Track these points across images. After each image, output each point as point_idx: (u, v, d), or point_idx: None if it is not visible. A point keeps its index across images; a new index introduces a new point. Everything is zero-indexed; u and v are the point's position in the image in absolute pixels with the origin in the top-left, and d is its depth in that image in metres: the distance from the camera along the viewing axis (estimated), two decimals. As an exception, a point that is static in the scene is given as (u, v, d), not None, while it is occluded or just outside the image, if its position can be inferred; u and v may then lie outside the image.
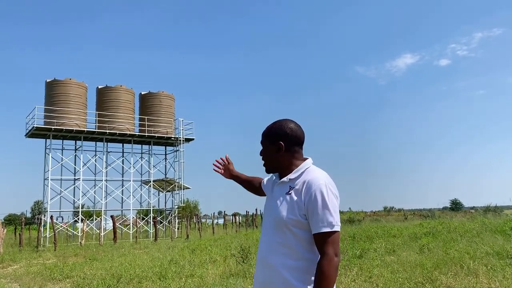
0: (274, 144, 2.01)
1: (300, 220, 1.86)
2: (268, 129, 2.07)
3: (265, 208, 2.09)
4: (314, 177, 1.90)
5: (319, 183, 1.86)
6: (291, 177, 1.96)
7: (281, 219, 1.89)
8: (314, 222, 1.82)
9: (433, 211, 43.48)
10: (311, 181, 1.88)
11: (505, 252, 8.45)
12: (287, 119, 2.06)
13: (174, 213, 28.57)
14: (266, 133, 2.07)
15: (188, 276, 8.53)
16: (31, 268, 11.58)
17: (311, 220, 1.83)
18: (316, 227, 1.81)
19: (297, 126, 2.04)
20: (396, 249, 10.56)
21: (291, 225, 1.86)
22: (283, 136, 2.00)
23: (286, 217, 1.87)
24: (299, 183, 1.92)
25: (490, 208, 32.74)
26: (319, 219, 1.81)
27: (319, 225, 1.80)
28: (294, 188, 1.92)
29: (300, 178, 1.93)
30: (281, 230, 1.89)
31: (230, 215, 42.72)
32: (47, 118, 24.27)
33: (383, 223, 23.72)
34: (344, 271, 7.80)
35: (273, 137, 2.02)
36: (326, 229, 1.79)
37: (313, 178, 1.89)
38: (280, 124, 2.04)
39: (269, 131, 2.05)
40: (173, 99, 29.17)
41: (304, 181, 1.91)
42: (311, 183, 1.87)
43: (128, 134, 26.25)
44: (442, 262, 7.90)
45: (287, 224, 1.87)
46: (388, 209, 75.40)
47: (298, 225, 1.86)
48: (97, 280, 8.50)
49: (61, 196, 25.56)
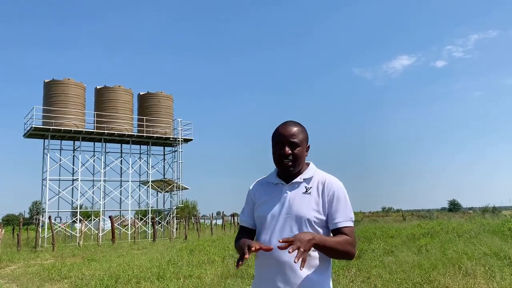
0: (306, 145, 2.08)
1: (321, 217, 1.95)
2: (302, 130, 2.06)
3: (267, 209, 2.02)
4: (329, 177, 2.04)
5: (338, 183, 2.01)
6: (304, 177, 2.03)
7: (304, 217, 1.94)
8: (337, 217, 1.94)
9: (431, 211, 43.61)
10: (330, 181, 2.01)
11: (503, 253, 8.46)
12: (298, 122, 2.11)
13: (172, 214, 28.53)
14: (302, 132, 2.05)
15: (186, 277, 8.53)
16: (29, 269, 11.56)
17: (334, 215, 1.94)
18: (340, 222, 1.93)
19: None
20: (394, 249, 10.58)
21: (314, 223, 1.94)
22: (308, 137, 2.09)
23: (309, 214, 1.94)
24: (315, 183, 2.01)
25: (488, 209, 32.87)
26: (344, 214, 1.94)
27: (343, 219, 1.93)
28: (311, 187, 2.00)
29: (314, 178, 2.03)
30: (303, 229, 1.92)
31: (229, 216, 42.69)
32: (45, 118, 24.22)
33: (381, 224, 23.77)
34: (342, 271, 7.81)
35: (307, 139, 2.09)
36: (350, 224, 1.95)
37: (330, 178, 2.02)
38: (302, 126, 2.08)
39: (304, 131, 2.07)
40: (171, 99, 29.15)
41: (320, 180, 2.01)
42: (331, 182, 2.00)
43: (126, 134, 26.21)
44: (440, 263, 7.91)
45: (311, 222, 1.94)
46: (386, 210, 75.59)
47: (319, 222, 1.95)
48: (95, 281, 8.49)
49: (59, 197, 25.51)
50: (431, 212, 42.46)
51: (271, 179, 2.10)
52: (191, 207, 56.63)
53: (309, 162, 2.11)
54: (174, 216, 28.62)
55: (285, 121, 2.07)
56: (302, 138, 2.03)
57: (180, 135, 27.99)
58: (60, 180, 26.33)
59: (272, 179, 2.09)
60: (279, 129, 2.03)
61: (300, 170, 2.04)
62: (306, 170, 2.05)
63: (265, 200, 2.07)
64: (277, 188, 2.05)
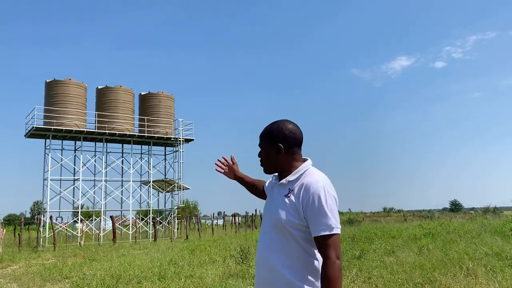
0: (274, 146, 1.99)
1: (298, 223, 1.86)
2: (266, 130, 2.04)
3: (264, 209, 2.08)
4: (312, 179, 1.89)
5: (317, 186, 1.85)
6: (290, 179, 1.95)
7: (280, 221, 1.89)
8: (313, 225, 1.82)
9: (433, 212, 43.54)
10: (309, 184, 1.87)
11: (504, 253, 8.45)
12: (285, 120, 2.03)
13: (173, 214, 28.55)
14: (265, 135, 2.03)
15: (187, 277, 8.53)
16: (30, 268, 11.57)
17: (310, 223, 1.83)
18: (316, 230, 1.81)
19: (296, 127, 2.02)
20: (396, 250, 10.56)
21: (290, 227, 1.86)
22: (282, 137, 1.97)
23: (285, 219, 1.87)
24: (298, 186, 1.91)
25: (489, 209, 32.81)
26: (318, 222, 1.80)
27: (318, 228, 1.80)
28: (293, 190, 1.91)
29: (299, 180, 1.92)
30: (280, 232, 1.89)
31: (230, 216, 42.64)
32: (46, 118, 24.25)
33: (382, 224, 23.75)
34: (343, 272, 7.80)
35: (272, 138, 1.99)
36: (325, 232, 1.79)
37: (311, 181, 1.88)
38: (278, 125, 2.00)
39: (268, 133, 2.02)
40: (172, 99, 29.17)
41: (302, 183, 1.90)
42: (309, 186, 1.86)
43: (127, 134, 26.23)
44: (441, 263, 7.90)
45: (286, 226, 1.87)
46: (387, 210, 75.40)
47: (297, 227, 1.86)
48: (96, 281, 8.49)
49: (60, 197, 25.54)
50: (432, 212, 42.40)
51: (275, 178, 2.12)
52: (192, 207, 56.71)
53: (306, 159, 2.02)
54: (175, 216, 28.62)
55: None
56: (263, 140, 2.03)
57: (181, 135, 28.02)
58: (62, 180, 26.38)
59: (275, 177, 2.11)
60: None
61: (290, 170, 1.98)
62: (295, 171, 1.96)
63: (267, 197, 2.12)
64: (273, 188, 2.06)
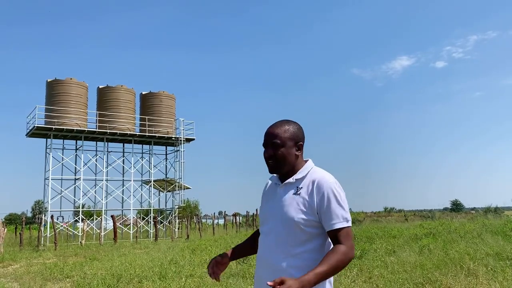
0: (295, 145, 1.99)
1: (311, 219, 1.86)
2: (287, 129, 1.99)
3: (265, 211, 2.04)
4: (323, 176, 1.92)
5: (330, 182, 1.89)
6: (297, 177, 1.95)
7: (291, 219, 1.87)
8: (329, 219, 1.84)
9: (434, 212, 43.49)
10: (321, 180, 1.90)
11: (505, 253, 8.44)
12: (290, 120, 2.04)
13: (174, 213, 28.56)
14: (288, 133, 1.98)
15: (188, 276, 8.53)
16: (31, 268, 11.59)
17: (326, 217, 1.84)
18: (333, 224, 1.84)
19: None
20: (396, 249, 10.56)
21: (303, 225, 1.86)
22: (302, 137, 2.01)
23: (297, 217, 1.86)
24: (307, 183, 1.92)
25: (490, 209, 32.75)
26: (335, 215, 1.84)
27: (336, 221, 1.84)
28: (302, 188, 1.92)
29: (306, 178, 1.94)
30: (292, 231, 1.87)
31: (231, 215, 42.62)
32: (47, 117, 24.29)
33: (383, 224, 23.74)
34: (344, 271, 7.79)
35: (296, 137, 1.99)
36: (344, 224, 1.84)
37: (322, 177, 1.91)
38: (295, 124, 2.02)
39: (290, 132, 1.99)
40: (173, 99, 29.18)
41: (312, 180, 1.92)
42: (322, 182, 1.89)
43: (128, 134, 26.25)
44: (442, 263, 7.90)
45: (299, 224, 1.86)
46: (388, 210, 75.34)
47: (309, 224, 1.87)
48: (97, 280, 8.50)
49: (61, 196, 25.59)
50: (433, 212, 42.35)
51: (274, 179, 2.09)
52: (193, 206, 56.80)
53: (308, 160, 2.04)
54: (176, 215, 28.64)
55: (275, 121, 2.03)
56: (286, 138, 1.96)
57: (182, 135, 28.04)
58: (63, 179, 26.44)
59: (275, 179, 2.09)
60: (266, 131, 2.02)
61: (294, 169, 1.98)
62: (300, 170, 1.97)
63: (266, 200, 2.09)
64: (275, 189, 2.04)
